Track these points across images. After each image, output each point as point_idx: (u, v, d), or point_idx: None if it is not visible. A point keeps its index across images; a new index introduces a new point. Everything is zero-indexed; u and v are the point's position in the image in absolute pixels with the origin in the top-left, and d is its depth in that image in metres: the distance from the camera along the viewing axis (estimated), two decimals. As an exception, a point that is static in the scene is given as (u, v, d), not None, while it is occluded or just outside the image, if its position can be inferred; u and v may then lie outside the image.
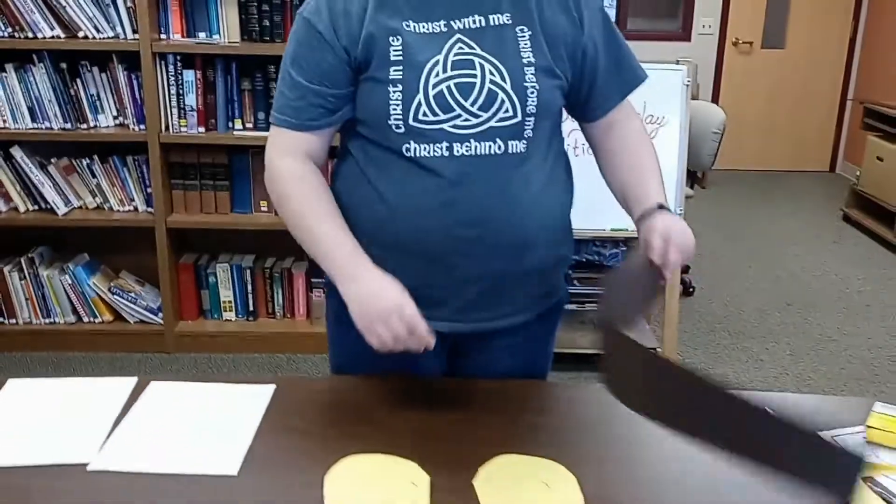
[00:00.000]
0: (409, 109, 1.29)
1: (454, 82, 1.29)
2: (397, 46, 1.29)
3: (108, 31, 2.98)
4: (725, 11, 6.66)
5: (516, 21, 1.33)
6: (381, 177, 1.35)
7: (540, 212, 1.38)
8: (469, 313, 1.43)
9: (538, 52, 1.33)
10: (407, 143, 1.31)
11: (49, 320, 3.27)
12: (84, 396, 1.40)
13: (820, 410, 1.43)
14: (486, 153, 1.32)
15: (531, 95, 1.32)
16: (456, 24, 1.30)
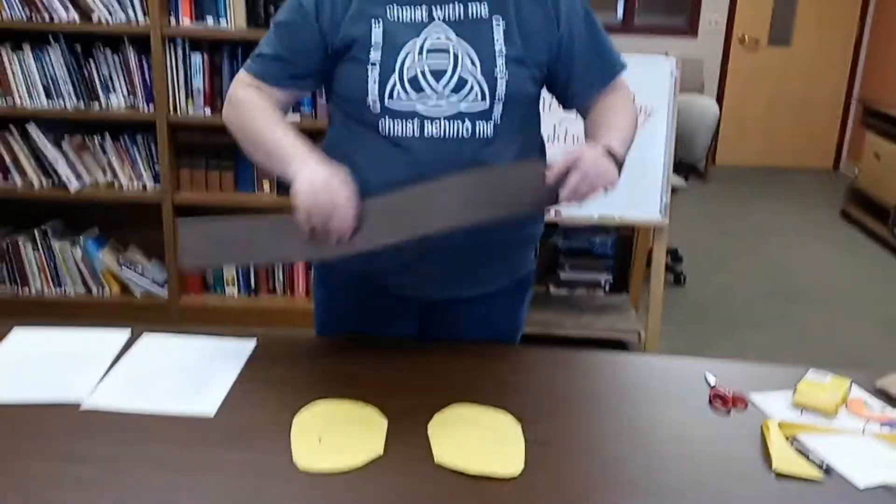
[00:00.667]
0: (384, 89, 1.41)
1: (428, 66, 1.41)
2: (378, 32, 1.41)
3: (120, 15, 3.11)
4: (732, 8, 6.73)
5: (493, 11, 1.43)
6: (358, 151, 1.47)
7: None
8: (437, 282, 1.55)
9: (511, 42, 1.43)
10: (382, 121, 1.43)
11: (60, 290, 3.41)
12: (82, 344, 1.54)
13: (756, 375, 1.54)
14: (455, 135, 1.43)
15: (500, 82, 1.42)
16: (436, 12, 1.42)
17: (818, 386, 1.45)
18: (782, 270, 4.62)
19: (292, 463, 1.21)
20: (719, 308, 4.04)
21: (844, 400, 1.43)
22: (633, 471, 1.24)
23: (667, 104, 3.10)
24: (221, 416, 1.33)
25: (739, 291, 4.27)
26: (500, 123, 1.45)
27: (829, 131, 7.04)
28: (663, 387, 1.51)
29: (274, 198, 3.32)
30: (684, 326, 3.78)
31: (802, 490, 1.21)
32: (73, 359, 1.48)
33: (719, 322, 3.87)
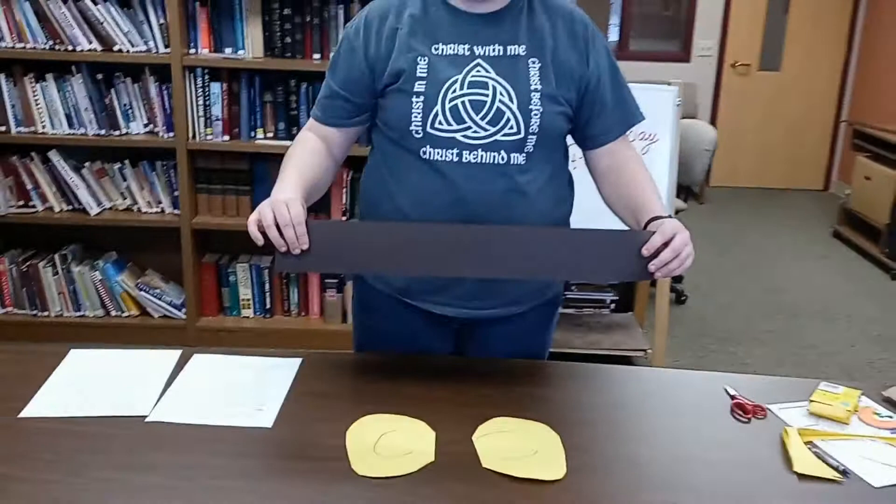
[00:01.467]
0: (427, 118, 1.53)
1: (468, 99, 1.53)
2: (423, 66, 1.53)
3: (141, 46, 3.21)
4: (724, 34, 6.90)
5: (530, 53, 1.56)
6: (401, 175, 1.59)
7: (534, 214, 1.60)
8: (471, 301, 1.66)
9: (545, 81, 1.55)
10: (424, 147, 1.55)
11: (79, 313, 3.49)
12: (137, 363, 1.63)
13: (771, 388, 1.65)
14: (491, 162, 1.55)
15: (534, 117, 1.54)
16: (478, 51, 1.54)
17: (831, 396, 1.56)
18: (780, 288, 4.74)
19: (351, 469, 1.30)
20: (720, 325, 4.15)
21: (856, 409, 1.54)
22: (666, 474, 1.34)
23: (670, 130, 3.22)
24: (278, 428, 1.42)
25: (739, 309, 4.38)
26: (532, 153, 1.57)
27: (820, 153, 7.21)
28: (684, 398, 1.61)
29: (289, 221, 3.41)
30: (688, 343, 3.89)
31: (823, 490, 1.31)
32: (131, 377, 1.57)
33: (721, 339, 3.98)
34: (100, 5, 3.13)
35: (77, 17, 3.14)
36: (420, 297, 1.66)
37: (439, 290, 1.63)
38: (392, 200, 1.61)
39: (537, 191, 1.59)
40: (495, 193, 1.55)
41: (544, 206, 1.62)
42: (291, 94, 3.26)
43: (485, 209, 1.55)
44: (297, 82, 3.25)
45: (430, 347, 1.72)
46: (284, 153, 1.65)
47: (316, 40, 3.24)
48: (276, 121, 3.29)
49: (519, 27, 1.57)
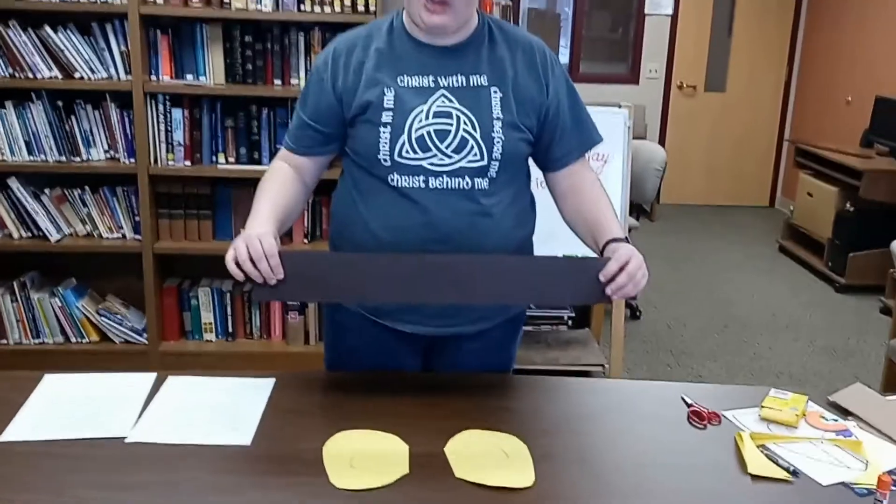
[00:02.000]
0: (394, 147, 1.60)
1: (433, 128, 1.60)
2: (390, 97, 1.60)
3: (102, 73, 3.23)
4: (671, 57, 7.11)
5: (492, 82, 1.64)
6: (370, 199, 1.66)
7: (498, 236, 1.68)
8: (440, 318, 1.73)
9: (507, 109, 1.63)
10: (392, 175, 1.62)
11: (38, 341, 3.47)
12: (113, 387, 1.66)
13: (725, 395, 1.74)
14: (456, 187, 1.62)
15: (497, 144, 1.62)
16: (442, 81, 1.62)
17: (781, 402, 1.65)
18: (729, 302, 4.89)
19: (329, 483, 1.35)
20: (674, 339, 4.28)
21: (804, 413, 1.63)
22: (628, 478, 1.42)
23: (622, 151, 3.34)
24: (257, 445, 1.47)
25: (692, 323, 4.52)
26: (495, 178, 1.65)
27: (765, 170, 7.44)
28: (643, 407, 1.69)
29: (251, 245, 3.44)
30: (643, 357, 4.00)
31: (775, 489, 1.40)
32: (107, 399, 1.60)
33: (675, 352, 4.10)
34: (60, 33, 3.14)
35: (38, 45, 3.14)
36: (389, 316, 1.72)
37: (408, 309, 1.70)
38: (363, 223, 1.67)
39: (501, 213, 1.67)
40: (462, 216, 1.63)
41: (508, 226, 1.70)
42: (253, 119, 3.31)
43: (452, 230, 1.62)
44: (258, 108, 3.30)
45: (399, 364, 1.78)
46: (246, 177, 1.73)
47: (277, 67, 3.29)
48: (238, 146, 3.33)
49: (480, 58, 1.65)
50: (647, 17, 7.00)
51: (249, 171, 3.30)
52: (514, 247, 1.73)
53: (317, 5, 3.18)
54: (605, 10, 7.33)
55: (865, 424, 1.61)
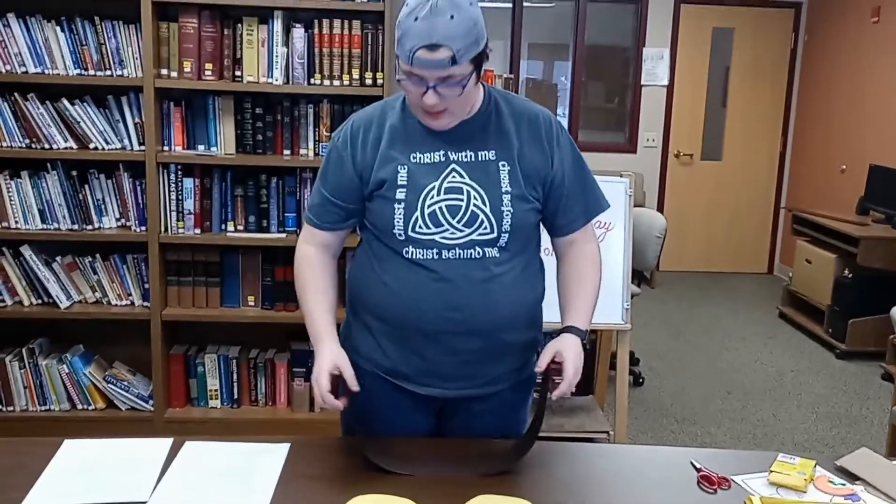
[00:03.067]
0: (408, 223, 1.67)
1: (445, 204, 1.67)
2: (403, 174, 1.67)
3: (116, 143, 3.32)
4: (667, 126, 7.26)
5: (499, 156, 1.71)
6: (386, 268, 1.72)
7: (509, 302, 1.74)
8: (453, 381, 1.77)
9: (514, 182, 1.70)
10: (407, 248, 1.68)
11: (45, 408, 3.48)
12: (130, 453, 1.68)
13: (733, 460, 1.76)
14: (468, 258, 1.69)
15: (506, 217, 1.69)
16: (452, 156, 1.69)
17: (789, 467, 1.68)
18: (731, 368, 4.91)
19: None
20: (677, 406, 4.28)
21: (812, 478, 1.66)
22: (642, 543, 1.43)
23: (623, 219, 3.41)
24: (275, 510, 1.49)
25: (694, 389, 4.53)
26: (505, 247, 1.71)
27: (762, 238, 7.53)
28: (653, 472, 1.72)
29: (259, 311, 3.48)
30: (648, 424, 4.00)
31: (787, 554, 1.42)
32: (126, 465, 1.63)
33: (679, 420, 4.11)
34: (77, 106, 3.24)
35: (54, 117, 3.24)
36: (405, 378, 1.77)
37: (423, 372, 1.75)
38: (379, 288, 1.73)
39: (513, 279, 1.73)
40: (474, 283, 1.69)
41: (519, 291, 1.75)
42: (262, 188, 3.38)
43: (465, 297, 1.68)
44: (267, 177, 3.38)
45: (413, 424, 1.82)
46: (254, 245, 1.80)
47: (286, 137, 3.38)
48: (247, 214, 3.40)
49: (488, 133, 1.72)
50: (643, 87, 7.17)
51: (258, 238, 3.36)
52: (525, 310, 1.78)
53: (326, 79, 3.29)
54: (601, 81, 7.52)
55: (873, 489, 1.63)
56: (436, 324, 1.70)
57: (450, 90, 1.58)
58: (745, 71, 7.25)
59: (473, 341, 1.72)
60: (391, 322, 1.73)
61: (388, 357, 1.76)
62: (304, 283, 1.79)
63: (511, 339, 1.78)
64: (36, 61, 3.20)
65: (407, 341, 1.73)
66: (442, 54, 1.53)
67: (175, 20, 3.23)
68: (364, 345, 1.79)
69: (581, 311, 1.77)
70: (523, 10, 7.07)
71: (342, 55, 3.28)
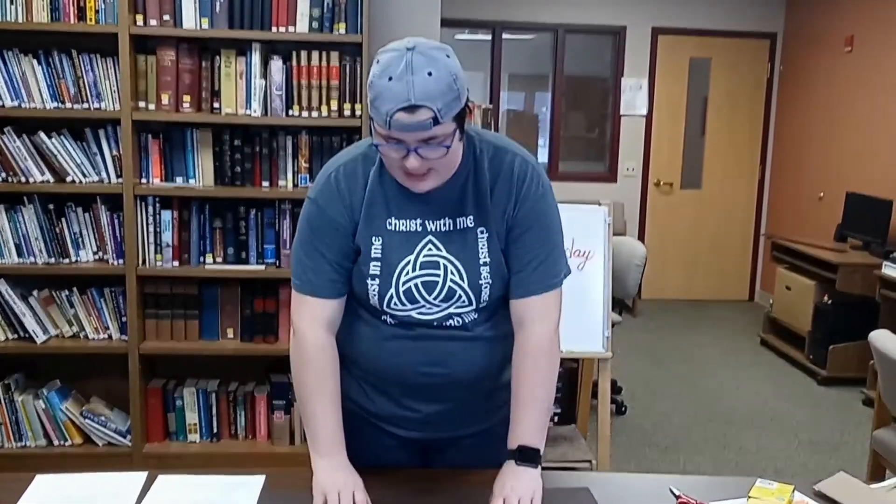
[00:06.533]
0: (383, 300, 1.62)
1: (421, 280, 1.61)
2: (378, 246, 1.60)
3: (93, 176, 3.31)
4: (647, 156, 7.33)
5: (478, 223, 1.60)
6: (366, 325, 1.69)
7: (490, 356, 1.70)
8: (436, 426, 1.75)
9: (493, 250, 1.62)
10: (384, 317, 1.66)
11: (21, 444, 3.43)
12: (104, 487, 1.66)
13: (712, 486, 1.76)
14: (446, 325, 1.65)
15: (484, 290, 1.62)
16: (430, 225, 1.60)
17: (767, 492, 1.67)
18: (713, 396, 4.91)
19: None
20: (660, 435, 4.27)
21: (790, 503, 1.65)
22: (621, 572, 1.42)
23: (602, 246, 3.42)
24: (249, 544, 1.46)
25: (676, 417, 4.52)
26: (484, 312, 1.67)
27: (743, 265, 7.58)
28: (633, 499, 1.71)
29: (238, 344, 3.46)
30: (630, 452, 3.99)
31: (765, 580, 1.41)
32: (99, 499, 1.60)
33: (661, 448, 4.10)
34: (54, 138, 3.23)
35: (31, 150, 3.23)
36: (387, 421, 1.75)
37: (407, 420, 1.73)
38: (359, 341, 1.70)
39: (493, 333, 1.70)
40: (455, 343, 1.66)
41: (501, 341, 1.71)
42: (241, 219, 3.38)
43: (444, 354, 1.66)
44: (246, 209, 3.37)
45: (396, 463, 1.79)
46: (233, 277, 1.71)
47: (265, 169, 3.38)
48: (226, 246, 3.39)
49: (466, 195, 1.60)
50: (622, 116, 7.24)
51: (237, 270, 3.35)
52: (508, 355, 1.71)
53: (304, 110, 3.30)
54: (581, 111, 7.59)
55: (851, 513, 1.63)
56: (413, 378, 1.67)
57: (433, 152, 1.46)
58: (722, 100, 7.35)
59: (452, 392, 1.69)
60: (372, 374, 1.71)
61: (373, 402, 1.74)
62: (316, 386, 1.63)
63: (492, 386, 1.75)
64: (13, 94, 3.20)
65: (386, 391, 1.71)
66: (422, 115, 1.40)
67: (153, 53, 3.24)
68: (349, 388, 1.74)
69: (525, 429, 1.62)
70: (503, 41, 7.14)
71: (320, 87, 3.29)
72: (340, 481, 1.56)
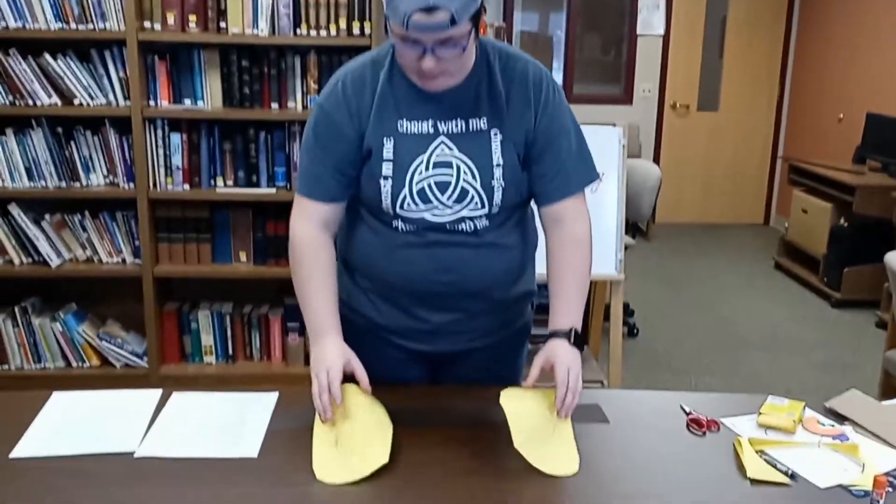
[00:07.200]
0: (396, 200, 1.60)
1: (434, 180, 1.59)
2: (389, 147, 1.58)
3: (101, 99, 3.27)
4: (663, 77, 7.18)
5: (491, 124, 1.59)
6: (375, 233, 1.68)
7: (500, 264, 1.70)
8: (446, 337, 1.75)
9: (507, 152, 1.60)
10: (395, 222, 1.64)
11: (40, 366, 3.48)
12: (119, 403, 1.68)
13: (723, 404, 1.76)
14: (458, 230, 1.63)
15: (496, 192, 1.60)
16: (441, 127, 1.58)
17: (778, 409, 1.68)
18: (726, 319, 4.91)
19: (335, 494, 1.37)
20: (671, 357, 4.30)
21: (801, 419, 1.66)
22: (629, 484, 1.44)
23: (617, 169, 3.38)
24: (263, 457, 1.49)
25: (688, 340, 4.54)
26: (496, 218, 1.65)
27: (759, 189, 7.50)
28: (643, 416, 1.71)
29: (250, 267, 3.47)
30: (641, 374, 4.02)
31: (774, 493, 1.42)
32: (115, 416, 1.62)
33: (672, 370, 4.12)
34: (60, 60, 3.19)
35: (37, 73, 3.19)
36: (397, 334, 1.75)
37: (415, 331, 1.73)
38: (369, 250, 1.69)
39: (504, 242, 1.69)
40: (465, 249, 1.64)
41: (511, 251, 1.71)
42: (250, 142, 3.34)
43: (456, 262, 1.65)
44: (255, 131, 3.34)
45: (408, 376, 1.80)
46: (244, 201, 1.69)
47: (274, 90, 3.33)
48: (236, 169, 3.36)
49: (480, 97, 1.59)
50: (638, 37, 7.08)
51: (248, 194, 3.33)
52: (517, 267, 1.74)
53: (312, 29, 3.23)
54: (596, 32, 7.42)
55: (862, 429, 1.63)
56: (425, 286, 1.66)
57: (449, 52, 1.47)
58: (742, 20, 7.16)
59: (463, 301, 1.69)
60: (380, 282, 1.70)
61: (381, 314, 1.74)
62: (307, 275, 1.65)
63: (503, 297, 1.74)
64: (16, 15, 3.14)
65: (397, 301, 1.71)
66: (440, 16, 1.40)
67: (157, -31, 3.16)
68: (357, 301, 1.76)
69: (568, 313, 1.63)
70: (516, -41, 6.95)
71: (328, 4, 3.22)
72: (328, 360, 1.56)
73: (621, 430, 1.64)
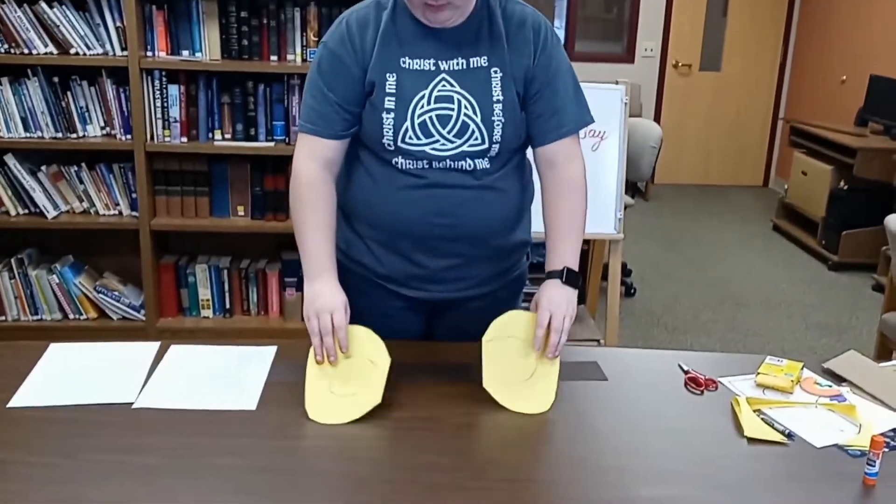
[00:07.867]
0: (398, 133, 1.61)
1: (435, 114, 1.61)
2: (392, 82, 1.60)
3: (97, 49, 3.22)
4: (666, 36, 7.11)
5: (492, 63, 1.63)
6: (374, 176, 1.68)
7: (498, 210, 1.71)
8: (443, 284, 1.76)
9: (507, 90, 1.63)
10: (396, 158, 1.64)
11: (37, 317, 3.48)
12: (117, 355, 1.68)
13: (721, 363, 1.77)
14: (458, 168, 1.64)
15: (497, 127, 1.63)
16: (443, 65, 1.62)
17: (776, 368, 1.68)
18: (724, 280, 4.92)
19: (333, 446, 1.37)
20: (668, 317, 4.31)
21: (798, 380, 1.66)
22: (626, 441, 1.44)
23: (618, 128, 3.35)
24: (262, 410, 1.49)
25: (685, 300, 4.55)
26: (495, 158, 1.67)
27: (759, 150, 7.46)
28: (641, 374, 1.72)
29: (248, 221, 3.45)
30: (638, 333, 4.03)
31: (770, 452, 1.42)
32: (113, 367, 1.62)
33: (669, 329, 4.14)
34: (55, 8, 3.13)
35: (32, 21, 3.13)
36: (394, 281, 1.75)
37: (412, 277, 1.74)
38: (368, 194, 1.69)
39: (502, 187, 1.70)
40: (464, 190, 1.65)
41: (508, 198, 1.72)
42: (249, 95, 3.30)
43: (454, 205, 1.65)
44: (254, 84, 3.30)
45: (404, 326, 1.81)
46: (242, 154, 1.69)
47: (273, 42, 3.29)
48: (234, 122, 3.33)
49: (480, 37, 1.64)
50: (641, -5, 6.99)
51: (245, 147, 3.31)
52: (514, 215, 1.76)
53: (313, -20, 3.18)
54: (599, -11, 7.33)
55: (859, 390, 1.64)
56: (424, 230, 1.67)
57: None
58: (746, -22, 7.07)
59: (461, 247, 1.70)
60: (379, 228, 1.71)
61: (379, 262, 1.75)
62: (307, 212, 1.65)
63: (500, 244, 1.76)
64: (11, -39, 3.08)
65: (396, 246, 1.71)
66: None
67: (153, -85, 3.10)
68: (355, 250, 1.77)
69: (563, 254, 1.65)
70: (519, -87, 6.82)
71: (329, -45, 3.16)
72: (320, 304, 1.57)
73: (619, 388, 1.65)
